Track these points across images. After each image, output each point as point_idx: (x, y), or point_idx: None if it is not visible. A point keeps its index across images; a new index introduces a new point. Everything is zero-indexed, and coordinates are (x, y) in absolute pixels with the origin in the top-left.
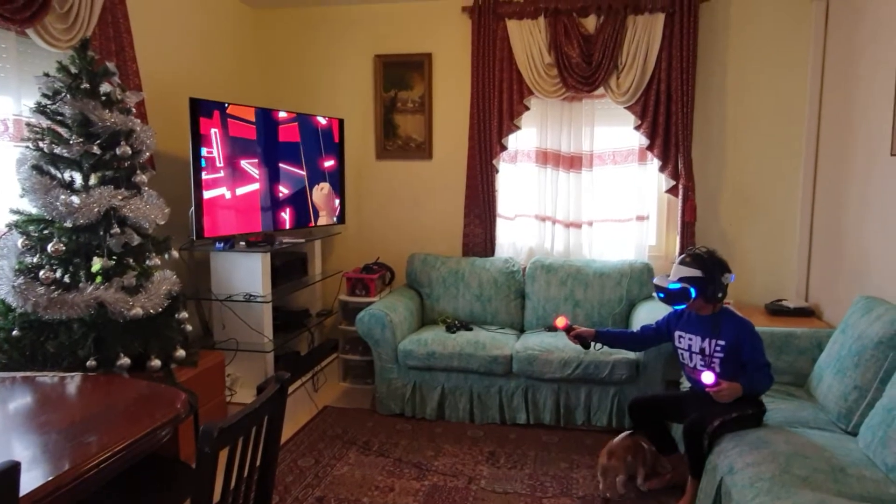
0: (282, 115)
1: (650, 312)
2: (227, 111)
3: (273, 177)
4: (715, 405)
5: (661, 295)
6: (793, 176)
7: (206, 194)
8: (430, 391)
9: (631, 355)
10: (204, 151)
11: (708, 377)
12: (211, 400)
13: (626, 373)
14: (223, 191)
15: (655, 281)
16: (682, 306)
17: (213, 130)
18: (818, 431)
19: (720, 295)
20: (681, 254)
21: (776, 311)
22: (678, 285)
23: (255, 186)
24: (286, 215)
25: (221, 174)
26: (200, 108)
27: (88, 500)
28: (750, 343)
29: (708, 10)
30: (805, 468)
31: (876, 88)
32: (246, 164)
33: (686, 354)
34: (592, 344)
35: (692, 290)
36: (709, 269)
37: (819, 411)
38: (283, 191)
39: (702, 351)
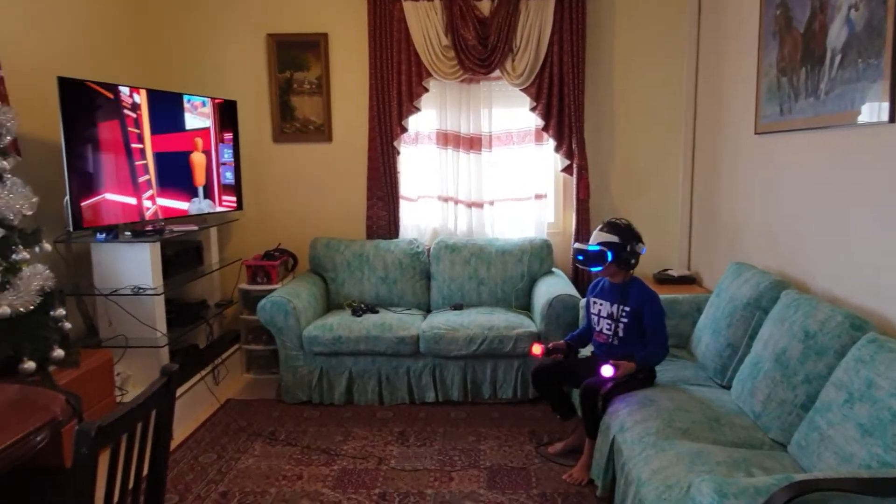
0: (166, 94)
1: (550, 287)
2: (103, 91)
3: (161, 162)
4: None
5: (580, 258)
6: (674, 154)
7: (83, 181)
8: (338, 376)
9: (532, 328)
10: (78, 135)
11: (607, 370)
12: (99, 401)
13: (528, 345)
14: (102, 177)
15: (575, 245)
16: (599, 268)
17: (86, 112)
18: (698, 387)
19: (633, 262)
20: (578, 229)
21: (663, 279)
22: (597, 247)
23: (140, 172)
24: (175, 202)
25: (100, 159)
26: (72, 89)
27: None
28: (651, 311)
29: None
30: (685, 421)
31: (741, 72)
32: (128, 149)
33: (596, 319)
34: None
35: (609, 254)
36: (624, 236)
37: (699, 369)
38: (173, 176)
39: (610, 315)
